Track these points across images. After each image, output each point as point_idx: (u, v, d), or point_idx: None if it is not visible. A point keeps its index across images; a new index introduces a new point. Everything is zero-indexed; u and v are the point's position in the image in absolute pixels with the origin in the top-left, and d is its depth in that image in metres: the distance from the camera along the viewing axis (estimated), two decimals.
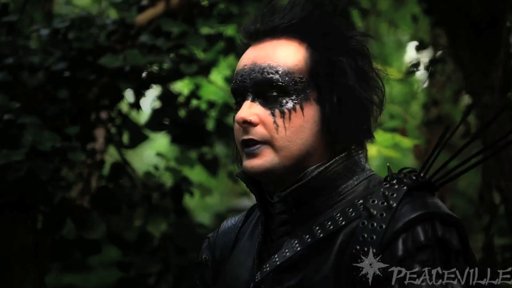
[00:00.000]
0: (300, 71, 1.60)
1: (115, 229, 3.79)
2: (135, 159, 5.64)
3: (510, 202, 3.27)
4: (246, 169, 1.60)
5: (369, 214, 1.50)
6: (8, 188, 3.04)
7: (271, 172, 1.58)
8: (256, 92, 1.60)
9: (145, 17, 3.56)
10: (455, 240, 1.50)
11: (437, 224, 1.49)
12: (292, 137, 1.58)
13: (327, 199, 1.59)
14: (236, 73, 1.64)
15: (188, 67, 3.48)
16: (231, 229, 1.79)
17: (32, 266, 3.32)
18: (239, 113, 1.59)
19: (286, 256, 1.56)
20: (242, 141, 1.60)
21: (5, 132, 2.99)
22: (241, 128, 1.60)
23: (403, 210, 1.50)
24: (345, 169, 1.60)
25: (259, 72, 1.59)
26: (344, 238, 1.53)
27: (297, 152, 1.58)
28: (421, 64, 4.24)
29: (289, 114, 1.58)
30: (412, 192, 1.53)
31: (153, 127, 4.01)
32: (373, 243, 1.48)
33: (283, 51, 1.61)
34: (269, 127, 1.58)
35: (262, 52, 1.62)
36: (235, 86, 1.63)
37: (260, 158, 1.58)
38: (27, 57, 3.30)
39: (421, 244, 1.47)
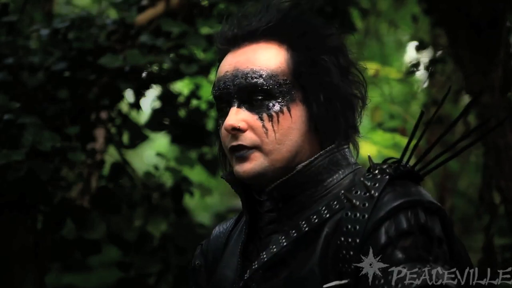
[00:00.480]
0: (283, 73, 1.60)
1: (115, 229, 3.79)
2: (135, 159, 5.64)
3: (510, 202, 3.27)
4: (238, 174, 1.61)
5: (351, 205, 1.51)
6: (8, 188, 3.04)
7: (262, 175, 1.59)
8: (241, 97, 1.60)
9: (145, 17, 3.56)
10: (438, 228, 1.50)
11: (420, 212, 1.49)
12: (282, 139, 1.59)
13: (313, 193, 1.60)
14: (217, 79, 1.64)
15: (188, 67, 3.48)
16: (222, 233, 1.80)
17: (32, 266, 3.32)
18: (227, 121, 1.59)
19: (273, 252, 1.57)
20: (231, 147, 1.61)
21: (5, 132, 2.99)
22: (229, 135, 1.61)
23: (386, 199, 1.50)
24: (330, 163, 1.61)
25: (243, 77, 1.60)
26: (329, 230, 1.53)
27: (287, 153, 1.60)
28: (421, 64, 4.24)
29: (277, 117, 1.59)
30: (394, 182, 1.53)
31: (153, 127, 4.01)
32: (356, 233, 1.48)
33: (264, 54, 1.62)
34: (258, 132, 1.59)
35: (243, 57, 1.62)
36: (218, 93, 1.62)
37: (250, 162, 1.59)
38: (27, 57, 3.30)
39: (403, 231, 1.47)
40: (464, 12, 3.33)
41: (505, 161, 3.25)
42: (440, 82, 4.59)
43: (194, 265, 1.81)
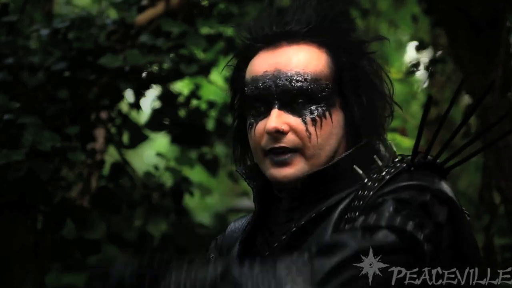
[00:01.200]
0: (326, 77, 1.60)
1: (115, 229, 3.78)
2: (135, 159, 5.64)
3: (510, 202, 3.27)
4: (277, 179, 1.60)
5: (363, 184, 1.53)
6: (8, 188, 3.04)
7: (302, 179, 1.59)
8: (283, 100, 1.59)
9: (145, 17, 3.56)
10: (442, 216, 1.49)
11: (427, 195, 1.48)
12: (323, 144, 1.59)
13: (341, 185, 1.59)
14: (255, 79, 1.61)
15: (188, 67, 3.47)
16: (237, 229, 1.80)
17: (32, 266, 3.32)
18: (270, 123, 1.58)
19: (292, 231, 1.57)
20: (272, 149, 1.59)
21: (5, 132, 2.99)
22: (266, 136, 1.59)
23: (396, 180, 1.51)
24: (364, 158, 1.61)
25: (287, 80, 1.59)
26: (342, 207, 1.55)
27: (325, 158, 1.60)
28: (421, 64, 4.24)
29: (320, 122, 1.59)
30: (413, 172, 1.53)
31: (153, 127, 4.01)
32: (359, 207, 1.51)
33: (307, 57, 1.61)
34: (302, 135, 1.58)
35: (284, 58, 1.61)
36: (257, 93, 1.60)
37: (291, 167, 1.59)
38: (27, 57, 3.29)
39: (403, 199, 1.47)
40: (464, 12, 3.33)
41: (505, 161, 3.25)
42: (440, 82, 4.59)
43: (209, 259, 1.81)
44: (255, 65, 1.64)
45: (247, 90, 1.63)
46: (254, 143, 1.63)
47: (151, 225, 3.97)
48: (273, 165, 1.59)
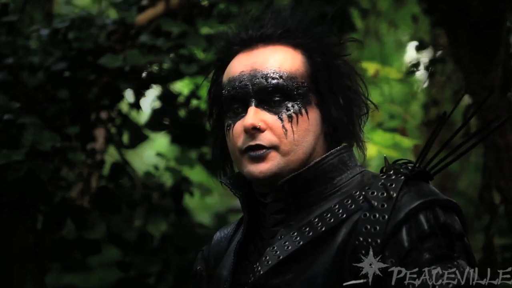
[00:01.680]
0: (302, 76, 1.63)
1: (115, 229, 3.79)
2: (135, 159, 5.64)
3: (510, 202, 3.27)
4: (253, 174, 1.60)
5: (370, 205, 1.52)
6: (8, 188, 3.04)
7: (278, 175, 1.60)
8: (260, 98, 1.61)
9: (145, 17, 3.56)
10: (457, 224, 1.52)
11: (438, 211, 1.51)
12: (299, 140, 1.60)
13: (323, 190, 1.61)
14: (231, 79, 1.64)
15: (188, 67, 3.48)
16: (223, 238, 1.80)
17: (32, 266, 3.32)
18: (247, 120, 1.59)
19: (289, 251, 1.57)
20: (248, 147, 1.60)
21: (5, 132, 2.99)
22: (243, 135, 1.61)
23: (403, 200, 1.51)
24: (340, 162, 1.63)
25: (263, 77, 1.61)
26: (346, 231, 1.54)
27: (302, 155, 1.61)
28: (421, 64, 4.24)
29: (297, 118, 1.60)
30: (409, 182, 1.54)
31: (153, 127, 4.01)
32: (376, 234, 1.50)
33: (282, 56, 1.64)
34: (278, 132, 1.60)
35: (261, 58, 1.64)
36: (234, 92, 1.63)
37: (267, 162, 1.60)
38: (27, 57, 3.30)
39: (425, 233, 1.48)
40: (464, 12, 3.33)
41: (505, 161, 3.25)
42: (440, 82, 4.59)
43: (195, 271, 1.82)
44: (232, 67, 1.66)
45: (224, 91, 1.65)
46: (232, 144, 1.64)
47: (151, 225, 3.97)
48: (249, 161, 1.60)
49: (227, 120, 1.66)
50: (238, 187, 1.68)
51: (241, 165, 1.63)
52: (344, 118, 1.63)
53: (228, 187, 1.69)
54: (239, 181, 1.69)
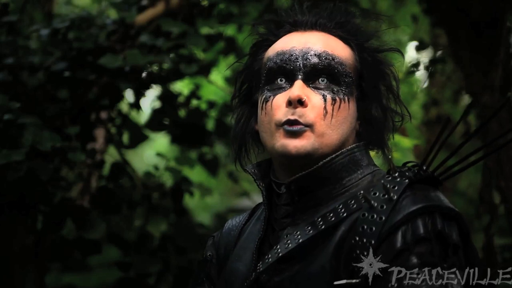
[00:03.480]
0: (350, 67, 1.65)
1: (115, 229, 3.78)
2: (135, 159, 5.64)
3: (510, 202, 3.27)
4: (287, 148, 1.60)
5: (369, 205, 1.52)
6: (8, 188, 3.04)
7: (310, 156, 1.60)
8: (308, 74, 1.62)
9: (145, 17, 3.56)
10: (455, 235, 1.51)
11: (438, 218, 1.50)
12: (336, 126, 1.61)
13: (331, 190, 1.61)
14: (280, 52, 1.64)
15: (188, 67, 3.48)
16: (234, 227, 1.80)
17: (32, 266, 3.32)
18: (294, 91, 1.60)
19: (289, 248, 1.57)
20: (287, 121, 1.60)
21: (5, 132, 2.98)
22: (283, 108, 1.61)
23: (404, 203, 1.51)
24: (351, 162, 1.63)
25: (316, 55, 1.62)
26: (344, 229, 1.54)
27: (336, 141, 1.61)
28: (421, 64, 4.24)
29: (340, 103, 1.61)
30: (414, 185, 1.54)
31: (153, 127, 4.01)
32: (372, 234, 1.49)
33: (335, 43, 1.66)
34: (318, 111, 1.60)
35: (314, 39, 1.65)
36: (281, 65, 1.63)
37: (302, 139, 1.60)
38: (27, 57, 3.29)
39: (420, 236, 1.48)
40: (464, 12, 3.32)
41: (505, 161, 3.25)
42: (440, 82, 4.59)
43: (205, 256, 1.82)
44: (282, 42, 1.67)
45: (269, 64, 1.65)
46: (268, 117, 1.63)
47: (151, 225, 3.97)
48: (285, 135, 1.60)
49: (266, 93, 1.65)
50: (261, 178, 1.68)
51: (274, 138, 1.62)
52: (381, 121, 1.64)
53: (253, 177, 1.68)
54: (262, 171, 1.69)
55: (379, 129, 1.65)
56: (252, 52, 1.73)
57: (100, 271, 5.41)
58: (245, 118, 1.72)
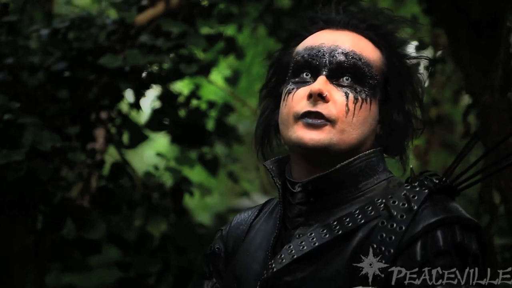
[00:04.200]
0: (377, 69, 1.65)
1: (115, 229, 3.78)
2: (135, 159, 5.64)
3: (510, 202, 3.27)
4: (303, 140, 1.60)
5: (389, 214, 1.51)
6: (8, 188, 3.04)
7: (326, 150, 1.59)
8: (333, 71, 1.62)
9: (145, 17, 3.56)
10: (475, 245, 1.51)
11: (457, 229, 1.50)
12: (356, 124, 1.61)
13: (346, 194, 1.61)
14: (309, 48, 1.65)
15: (188, 67, 3.48)
16: (244, 221, 1.80)
17: (32, 266, 3.32)
18: (316, 85, 1.60)
19: (304, 251, 1.57)
20: (306, 112, 1.60)
21: (5, 132, 2.98)
22: (305, 101, 1.61)
23: (424, 214, 1.51)
24: (367, 167, 1.62)
25: (343, 53, 1.63)
26: (362, 236, 1.54)
27: (355, 140, 1.61)
28: (421, 64, 4.23)
29: (361, 103, 1.61)
30: (433, 196, 1.54)
31: (153, 127, 4.01)
32: (391, 243, 1.49)
33: (364, 44, 1.66)
34: (340, 108, 1.60)
35: (344, 38, 1.66)
36: (308, 59, 1.64)
37: (321, 132, 1.59)
38: (27, 57, 3.29)
39: (440, 249, 1.48)
40: (464, 12, 3.32)
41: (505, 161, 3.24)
42: (440, 82, 4.59)
43: (214, 249, 1.81)
44: (313, 37, 1.68)
45: (296, 57, 1.66)
46: (288, 109, 1.64)
47: (151, 225, 3.97)
48: (303, 127, 1.60)
49: (290, 85, 1.65)
50: (278, 175, 1.68)
51: (291, 130, 1.62)
52: (402, 126, 1.64)
53: (271, 173, 1.68)
54: (279, 168, 1.69)
55: (399, 135, 1.65)
56: (284, 46, 1.75)
57: (100, 271, 5.41)
58: (270, 110, 1.73)
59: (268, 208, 1.78)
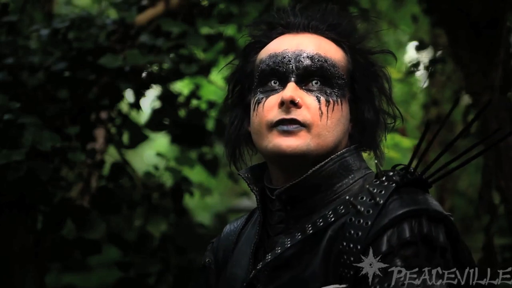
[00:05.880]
0: (343, 69, 1.64)
1: (115, 229, 3.78)
2: (135, 159, 5.64)
3: (510, 202, 3.27)
4: (280, 148, 1.59)
5: (356, 210, 1.51)
6: (8, 188, 3.04)
7: (304, 156, 1.59)
8: (300, 76, 1.61)
9: (145, 17, 3.56)
10: (442, 237, 1.50)
11: (424, 221, 1.49)
12: (331, 127, 1.60)
13: (322, 198, 1.60)
14: (273, 55, 1.64)
15: (188, 67, 3.48)
16: (232, 231, 1.80)
17: (32, 266, 3.32)
18: (287, 92, 1.59)
19: (277, 253, 1.57)
20: (280, 120, 1.59)
21: (5, 132, 2.98)
22: (275, 109, 1.60)
23: (391, 207, 1.50)
24: (341, 168, 1.62)
25: (308, 57, 1.61)
26: (332, 234, 1.54)
27: (331, 143, 1.61)
28: (421, 64, 4.24)
29: (333, 105, 1.61)
30: (401, 189, 1.53)
31: (153, 127, 4.01)
32: (358, 239, 1.49)
33: (327, 45, 1.65)
34: (314, 112, 1.60)
35: (307, 41, 1.64)
36: (274, 67, 1.62)
37: (297, 138, 1.59)
38: (27, 57, 3.29)
39: (406, 240, 1.47)
40: (464, 12, 3.32)
41: (505, 161, 3.25)
42: (440, 82, 4.59)
43: (204, 263, 1.82)
44: (274, 44, 1.66)
45: (261, 66, 1.64)
46: (259, 119, 1.62)
47: (151, 225, 3.97)
48: (278, 135, 1.59)
49: (258, 94, 1.64)
50: (255, 182, 1.67)
51: (266, 140, 1.61)
52: (374, 123, 1.64)
53: (246, 181, 1.68)
54: (255, 175, 1.68)
55: (371, 131, 1.65)
56: (245, 54, 1.73)
57: (100, 271, 5.41)
58: (238, 120, 1.71)
59: (254, 216, 1.78)
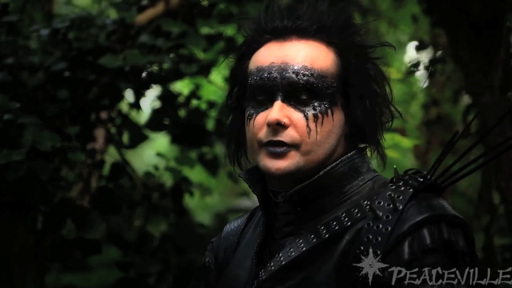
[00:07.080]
0: (332, 75, 1.60)
1: (115, 229, 3.78)
2: (135, 159, 5.64)
3: (510, 202, 3.27)
4: (270, 170, 1.58)
5: (375, 215, 1.50)
6: (8, 188, 3.04)
7: (295, 174, 1.58)
8: (287, 92, 1.58)
9: (145, 17, 3.56)
10: (462, 241, 1.51)
11: (444, 227, 1.49)
12: (321, 141, 1.58)
13: (332, 199, 1.59)
14: (260, 69, 1.61)
15: (188, 67, 3.47)
16: (233, 231, 1.79)
17: (32, 266, 3.32)
18: (272, 114, 1.56)
19: (292, 256, 1.56)
20: (269, 142, 1.58)
21: (5, 132, 2.98)
22: (266, 128, 1.58)
23: (409, 213, 1.50)
24: (351, 170, 1.61)
25: (294, 73, 1.58)
26: (349, 238, 1.53)
27: (322, 156, 1.59)
28: (421, 64, 4.24)
29: (322, 119, 1.58)
30: (418, 194, 1.53)
31: (153, 127, 4.01)
32: (377, 244, 1.48)
33: (315, 53, 1.61)
34: (301, 131, 1.57)
35: (293, 52, 1.60)
36: (261, 83, 1.59)
37: (286, 160, 1.57)
38: (27, 57, 3.29)
39: (428, 247, 1.47)
40: (464, 12, 3.32)
41: (505, 161, 3.25)
42: (440, 82, 4.59)
43: (204, 263, 1.81)
44: (262, 55, 1.63)
45: (250, 80, 1.62)
46: (251, 135, 1.61)
47: (151, 225, 3.97)
48: (268, 156, 1.58)
49: (249, 109, 1.62)
50: (256, 183, 1.66)
51: (258, 157, 1.60)
52: (369, 122, 1.61)
53: (247, 182, 1.66)
54: (256, 176, 1.67)
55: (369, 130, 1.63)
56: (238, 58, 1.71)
57: (100, 271, 5.41)
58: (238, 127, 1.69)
59: (256, 216, 1.77)
